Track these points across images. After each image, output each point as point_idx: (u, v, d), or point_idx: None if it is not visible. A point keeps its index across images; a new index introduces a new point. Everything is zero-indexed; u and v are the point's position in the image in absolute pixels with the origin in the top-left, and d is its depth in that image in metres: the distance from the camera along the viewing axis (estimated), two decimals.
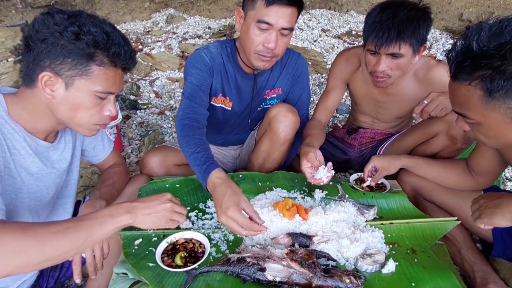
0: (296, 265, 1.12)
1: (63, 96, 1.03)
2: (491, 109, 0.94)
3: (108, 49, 1.01)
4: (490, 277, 1.33)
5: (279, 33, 1.49)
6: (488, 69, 0.90)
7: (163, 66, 3.74)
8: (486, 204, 1.09)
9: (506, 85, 0.89)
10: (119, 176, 1.43)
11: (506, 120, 0.95)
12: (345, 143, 2.16)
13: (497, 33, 0.89)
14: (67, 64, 0.99)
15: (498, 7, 4.71)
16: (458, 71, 0.96)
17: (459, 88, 0.98)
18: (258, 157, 1.82)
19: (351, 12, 5.23)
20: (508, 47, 0.87)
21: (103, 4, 4.72)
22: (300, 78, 1.81)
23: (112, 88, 1.07)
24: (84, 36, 0.98)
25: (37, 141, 1.12)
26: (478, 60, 0.91)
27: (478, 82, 0.92)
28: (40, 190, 1.18)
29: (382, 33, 1.51)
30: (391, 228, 1.38)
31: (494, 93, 0.91)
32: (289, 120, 1.69)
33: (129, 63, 1.09)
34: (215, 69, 1.69)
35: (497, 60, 0.88)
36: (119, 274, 1.21)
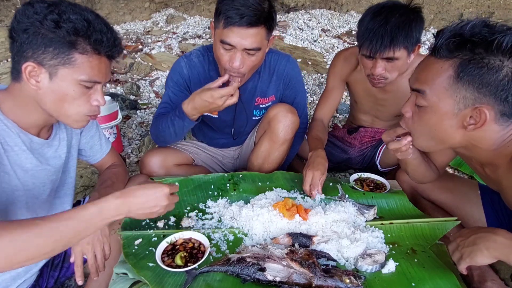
0: (296, 265, 1.12)
1: (48, 86, 1.01)
2: (450, 93, 0.99)
3: (89, 36, 0.99)
4: (487, 275, 1.33)
5: (245, 53, 1.46)
6: (469, 52, 0.95)
7: (163, 66, 3.74)
8: (463, 243, 1.07)
9: (476, 72, 0.94)
10: (118, 177, 1.43)
11: (454, 109, 1.00)
12: (346, 142, 2.17)
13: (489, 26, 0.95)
14: (49, 53, 0.97)
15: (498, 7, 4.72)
16: (442, 46, 0.99)
17: (434, 64, 1.02)
18: (257, 157, 1.82)
19: (351, 12, 5.23)
20: (497, 40, 0.91)
21: (103, 4, 4.72)
22: (291, 83, 1.79)
23: (97, 76, 1.05)
24: (64, 24, 0.96)
25: (31, 137, 1.11)
26: (465, 41, 0.95)
27: (455, 62, 0.97)
28: (37, 187, 1.18)
29: (375, 41, 1.52)
30: (391, 228, 1.38)
31: (463, 76, 0.96)
32: (289, 120, 1.69)
33: (112, 50, 1.06)
34: (193, 80, 1.69)
35: (481, 47, 0.93)
36: (119, 274, 1.21)
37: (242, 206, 1.44)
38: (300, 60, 3.74)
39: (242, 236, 1.32)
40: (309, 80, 3.55)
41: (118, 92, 3.27)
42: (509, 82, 0.93)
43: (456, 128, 1.03)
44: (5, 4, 4.10)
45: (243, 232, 1.33)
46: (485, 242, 1.01)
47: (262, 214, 1.35)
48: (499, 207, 1.43)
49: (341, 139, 2.19)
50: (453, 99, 0.99)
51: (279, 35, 4.44)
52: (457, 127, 1.03)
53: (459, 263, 1.07)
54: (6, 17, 4.16)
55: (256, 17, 1.39)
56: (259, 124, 1.87)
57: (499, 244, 0.99)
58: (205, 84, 1.65)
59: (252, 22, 1.39)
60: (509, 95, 0.94)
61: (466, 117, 1.00)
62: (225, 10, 1.39)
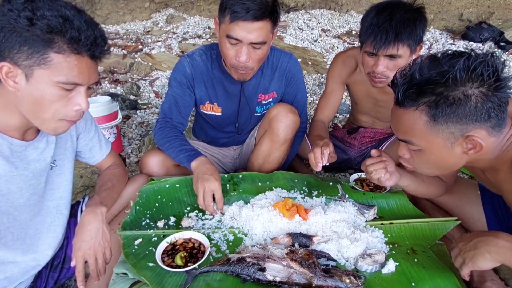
0: (296, 265, 1.12)
1: (25, 88, 0.95)
2: (435, 134, 1.00)
3: (64, 34, 0.92)
4: (487, 275, 1.33)
5: (251, 47, 1.46)
6: (432, 95, 0.96)
7: (163, 66, 3.74)
8: (465, 247, 1.06)
9: (449, 110, 0.95)
10: (118, 178, 1.42)
11: (447, 145, 1.01)
12: (346, 142, 2.17)
13: (434, 63, 0.97)
14: (24, 52, 0.91)
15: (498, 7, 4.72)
16: (404, 98, 1.01)
17: (405, 115, 1.03)
18: (258, 157, 1.82)
19: (351, 12, 5.23)
20: (449, 74, 0.93)
21: (103, 4, 4.72)
22: (293, 80, 1.80)
23: (77, 78, 0.97)
24: (38, 21, 0.89)
25: (10, 141, 1.06)
26: (422, 86, 0.97)
27: (424, 108, 0.98)
28: (12, 192, 1.12)
29: (380, 36, 1.51)
30: (391, 228, 1.38)
31: (438, 118, 0.97)
32: (289, 120, 1.69)
33: (93, 49, 0.97)
34: (196, 79, 1.70)
35: (440, 86, 0.95)
36: (119, 274, 1.20)
37: (242, 206, 1.44)
38: (300, 60, 3.74)
39: (242, 236, 1.32)
40: (309, 80, 3.55)
41: (118, 92, 3.27)
42: (483, 104, 0.94)
43: (458, 156, 1.04)
44: None
45: (243, 232, 1.33)
46: (486, 246, 1.01)
47: (262, 214, 1.35)
48: (499, 207, 1.44)
49: (341, 140, 2.19)
50: (441, 138, 1.01)
51: (279, 35, 4.44)
52: (459, 155, 1.04)
53: (461, 269, 1.06)
54: None
55: (261, 11, 1.40)
56: (260, 124, 1.87)
57: (501, 247, 0.98)
58: (208, 82, 1.69)
59: (257, 16, 1.40)
60: (490, 113, 0.96)
61: (463, 145, 1.01)
62: (231, 4, 1.40)
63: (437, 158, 1.06)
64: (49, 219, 1.27)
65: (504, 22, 4.60)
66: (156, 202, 1.47)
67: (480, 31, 4.35)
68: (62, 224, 1.31)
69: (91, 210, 1.19)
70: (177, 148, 1.59)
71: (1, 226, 1.13)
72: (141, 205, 1.43)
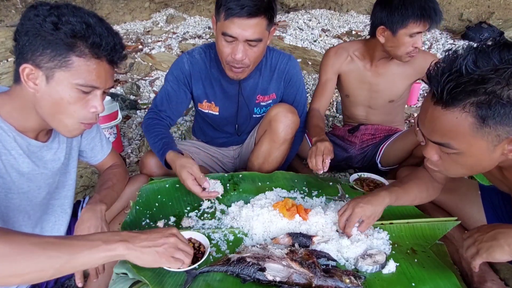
0: (296, 265, 1.12)
1: (44, 90, 0.99)
2: (481, 137, 0.90)
3: (87, 39, 0.97)
4: (487, 275, 1.32)
5: (246, 44, 1.46)
6: (483, 95, 0.85)
7: (163, 66, 3.74)
8: (481, 238, 1.02)
9: (503, 112, 0.85)
10: (118, 178, 1.43)
11: (490, 148, 0.92)
12: (346, 140, 2.17)
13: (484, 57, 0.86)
14: (47, 55, 0.96)
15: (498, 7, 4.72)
16: (449, 98, 0.89)
17: (446, 115, 0.91)
18: (258, 157, 1.82)
19: (351, 12, 5.23)
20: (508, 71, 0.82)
21: (103, 4, 4.72)
22: (292, 81, 1.80)
23: (95, 81, 1.02)
24: (63, 26, 0.95)
25: (28, 141, 1.10)
26: (473, 85, 0.85)
27: (471, 108, 0.87)
28: (32, 190, 1.17)
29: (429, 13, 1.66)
30: (391, 228, 1.38)
31: (488, 119, 0.87)
32: (289, 120, 1.69)
33: (112, 54, 1.03)
34: (194, 76, 1.71)
35: (495, 84, 0.84)
36: (119, 274, 1.20)
37: (242, 206, 1.44)
38: (300, 60, 3.74)
39: (242, 236, 1.32)
40: (309, 80, 3.55)
41: (118, 92, 3.27)
42: None
43: (496, 158, 0.96)
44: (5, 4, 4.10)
45: (243, 232, 1.33)
46: (507, 238, 0.98)
47: (262, 214, 1.35)
48: (499, 207, 1.43)
49: (342, 138, 2.20)
50: (485, 140, 0.90)
51: (279, 35, 4.44)
52: (497, 157, 0.96)
53: (474, 258, 1.03)
54: (6, 17, 4.16)
55: (256, 7, 1.40)
56: (259, 124, 1.87)
57: None
58: (206, 81, 1.69)
59: (252, 13, 1.39)
60: None
61: (504, 146, 0.92)
62: (226, 1, 1.41)
63: (474, 161, 0.97)
64: (54, 218, 1.28)
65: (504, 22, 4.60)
66: (156, 202, 1.47)
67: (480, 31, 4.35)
68: (65, 223, 1.32)
69: (91, 207, 1.20)
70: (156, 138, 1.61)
71: (16, 223, 1.16)
72: (141, 205, 1.43)
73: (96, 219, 1.18)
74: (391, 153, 1.99)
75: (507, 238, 0.98)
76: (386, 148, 2.01)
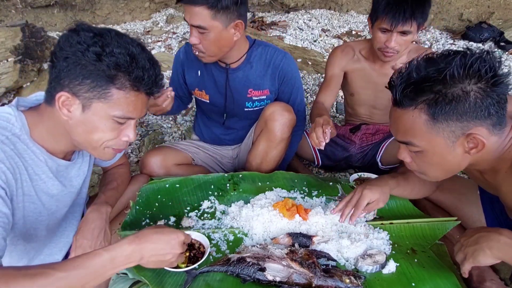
0: (296, 265, 1.12)
1: (79, 118, 0.98)
2: (436, 133, 0.99)
3: (130, 73, 0.95)
4: (486, 275, 1.33)
5: (196, 31, 1.53)
6: (430, 93, 0.96)
7: (163, 66, 3.74)
8: (466, 242, 1.06)
9: (448, 108, 0.95)
10: (123, 178, 1.43)
11: (448, 144, 1.00)
12: (347, 139, 2.17)
13: (431, 62, 0.97)
14: (86, 85, 0.94)
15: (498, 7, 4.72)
16: (402, 98, 1.00)
17: (404, 115, 1.02)
18: (255, 157, 1.82)
19: (351, 12, 5.23)
20: (447, 71, 0.92)
21: (103, 4, 4.72)
22: (287, 78, 1.80)
23: (132, 113, 1.01)
24: (106, 58, 0.92)
25: (57, 162, 1.10)
26: (420, 85, 0.96)
27: (423, 106, 0.98)
28: (59, 210, 1.18)
29: (398, 13, 1.63)
30: (391, 228, 1.38)
31: (438, 116, 0.96)
32: (285, 118, 1.69)
33: (152, 88, 1.02)
34: (187, 64, 1.81)
35: (438, 84, 0.94)
36: (119, 274, 1.21)
37: (242, 206, 1.44)
38: (300, 60, 3.74)
39: (242, 236, 1.32)
40: (309, 80, 3.54)
41: None
42: (482, 100, 0.94)
43: (461, 156, 1.03)
44: (5, 4, 4.09)
45: (243, 232, 1.33)
46: (488, 241, 1.00)
47: (262, 214, 1.35)
48: (498, 207, 1.43)
49: (342, 137, 2.19)
50: (441, 137, 0.99)
51: (279, 35, 4.44)
52: (461, 155, 1.02)
53: (462, 264, 1.05)
54: (6, 17, 4.16)
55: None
56: (256, 124, 1.87)
57: (503, 244, 0.97)
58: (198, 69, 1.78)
59: (193, 1, 1.46)
60: (490, 110, 0.95)
61: (464, 144, 1.00)
62: None
63: (439, 159, 1.05)
64: (65, 224, 1.29)
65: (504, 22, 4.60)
66: (156, 202, 1.47)
67: (480, 31, 4.34)
68: (74, 229, 1.32)
69: (97, 208, 1.21)
70: None
71: (41, 238, 1.18)
72: (141, 205, 1.43)
73: (101, 221, 1.19)
74: (392, 152, 1.98)
75: (488, 241, 1.00)
76: (387, 147, 2.01)
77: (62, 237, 1.29)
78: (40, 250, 1.22)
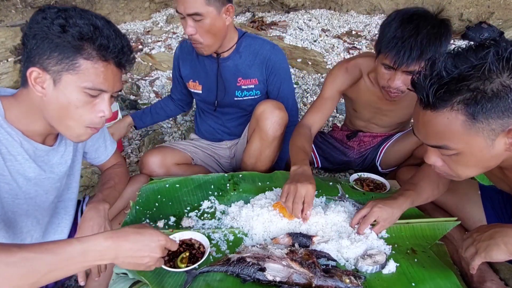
0: (296, 265, 1.12)
1: (52, 94, 0.98)
2: (475, 133, 0.91)
3: (94, 41, 0.96)
4: (487, 275, 1.32)
5: (191, 19, 1.55)
6: (467, 92, 0.88)
7: (163, 66, 3.74)
8: (480, 237, 1.03)
9: (490, 105, 0.87)
10: (120, 177, 1.43)
11: (488, 143, 0.92)
12: (345, 144, 2.15)
13: (461, 59, 0.89)
14: (54, 58, 0.95)
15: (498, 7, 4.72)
16: (435, 100, 0.91)
17: (437, 118, 0.93)
18: (250, 157, 1.82)
19: (351, 12, 5.23)
20: (484, 66, 0.86)
21: (103, 4, 4.72)
22: (275, 68, 1.80)
23: (103, 85, 1.00)
24: (70, 28, 0.94)
25: (35, 145, 1.09)
26: (455, 84, 0.89)
27: (460, 107, 0.89)
28: (39, 195, 1.16)
29: (403, 52, 1.38)
30: (391, 228, 1.38)
31: (478, 115, 0.88)
32: (276, 116, 1.68)
33: (120, 57, 1.01)
34: (182, 59, 1.89)
35: (475, 81, 0.87)
36: (119, 274, 1.20)
37: (242, 206, 1.44)
38: (300, 60, 3.74)
39: (242, 236, 1.32)
40: (309, 80, 3.54)
41: None
42: None
43: (500, 154, 0.96)
44: (5, 4, 4.09)
45: (243, 232, 1.33)
46: (503, 236, 0.98)
47: (262, 214, 1.35)
48: (499, 207, 1.43)
49: (340, 141, 2.18)
50: (481, 136, 0.91)
51: (279, 35, 4.44)
52: (500, 152, 0.95)
53: (473, 259, 1.03)
54: (6, 17, 4.16)
55: None
56: (249, 123, 1.87)
57: None
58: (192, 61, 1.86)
59: None
60: None
61: (505, 140, 0.92)
62: None
63: (477, 159, 0.97)
64: (57, 220, 1.28)
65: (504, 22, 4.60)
66: (156, 202, 1.47)
67: (480, 31, 4.34)
68: (69, 225, 1.32)
69: (94, 206, 1.20)
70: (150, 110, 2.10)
71: (24, 228, 1.17)
72: (141, 205, 1.43)
73: (99, 218, 1.19)
74: (391, 155, 1.97)
75: (504, 236, 0.98)
76: (386, 150, 1.99)
77: (56, 234, 1.28)
78: None
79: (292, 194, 1.29)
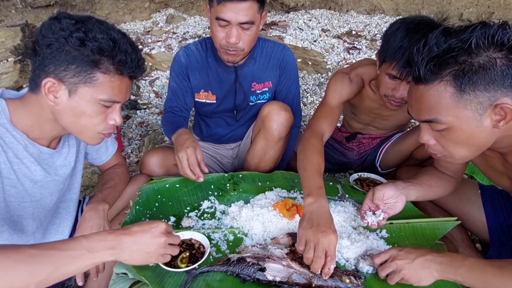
0: (296, 265, 1.12)
1: (66, 103, 1.00)
2: (463, 106, 0.95)
3: (113, 57, 0.98)
4: None
5: (239, 27, 1.51)
6: (455, 64, 0.93)
7: (163, 66, 3.74)
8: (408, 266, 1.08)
9: (476, 77, 0.91)
10: (120, 177, 1.43)
11: (476, 117, 0.95)
12: (344, 146, 2.15)
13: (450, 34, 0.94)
14: (71, 70, 0.96)
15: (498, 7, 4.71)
16: (425, 73, 0.96)
17: (428, 91, 0.98)
18: (254, 157, 1.82)
19: (351, 12, 5.23)
20: (471, 39, 0.90)
21: (103, 4, 4.72)
22: (286, 69, 1.81)
23: (117, 96, 1.04)
24: (89, 43, 0.95)
25: (39, 148, 1.10)
26: (444, 57, 0.93)
27: (449, 79, 0.94)
28: (44, 198, 1.17)
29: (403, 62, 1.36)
30: (391, 228, 1.38)
31: (466, 87, 0.92)
32: (282, 117, 1.69)
33: (135, 71, 1.05)
34: (190, 67, 1.77)
35: (463, 54, 0.91)
36: (119, 274, 1.20)
37: (242, 206, 1.44)
38: (300, 60, 3.74)
39: (242, 236, 1.32)
40: (309, 80, 3.54)
41: None
42: (508, 67, 0.90)
43: (488, 130, 0.98)
44: (5, 4, 4.09)
45: (243, 232, 1.33)
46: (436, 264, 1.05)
47: (262, 214, 1.35)
48: (499, 206, 1.43)
49: (340, 143, 2.18)
50: (469, 109, 0.95)
51: (279, 35, 4.44)
52: (489, 129, 0.98)
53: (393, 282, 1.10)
54: (6, 17, 4.16)
55: None
56: (254, 123, 1.87)
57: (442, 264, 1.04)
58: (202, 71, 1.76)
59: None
60: None
61: (492, 116, 0.95)
62: None
63: (466, 135, 0.99)
64: (58, 221, 1.29)
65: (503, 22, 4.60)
66: (156, 202, 1.47)
67: None
68: (70, 225, 1.32)
69: (93, 206, 1.21)
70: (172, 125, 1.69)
71: (30, 230, 1.17)
72: (141, 205, 1.43)
73: (98, 218, 1.19)
74: (391, 156, 1.97)
75: (437, 264, 1.05)
76: (385, 151, 1.99)
77: (57, 234, 1.28)
78: None
79: (312, 244, 1.11)
